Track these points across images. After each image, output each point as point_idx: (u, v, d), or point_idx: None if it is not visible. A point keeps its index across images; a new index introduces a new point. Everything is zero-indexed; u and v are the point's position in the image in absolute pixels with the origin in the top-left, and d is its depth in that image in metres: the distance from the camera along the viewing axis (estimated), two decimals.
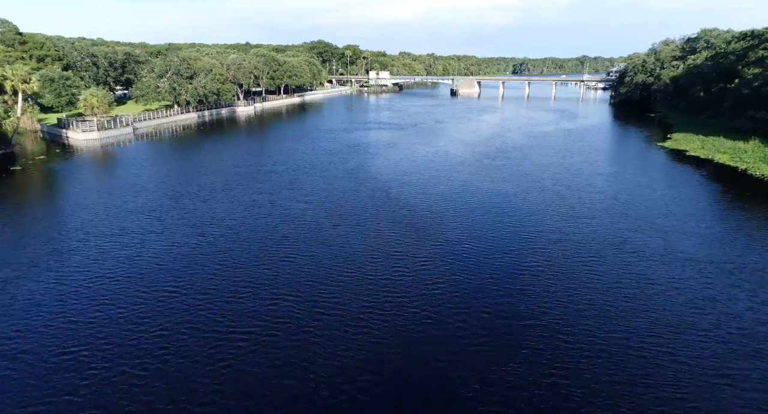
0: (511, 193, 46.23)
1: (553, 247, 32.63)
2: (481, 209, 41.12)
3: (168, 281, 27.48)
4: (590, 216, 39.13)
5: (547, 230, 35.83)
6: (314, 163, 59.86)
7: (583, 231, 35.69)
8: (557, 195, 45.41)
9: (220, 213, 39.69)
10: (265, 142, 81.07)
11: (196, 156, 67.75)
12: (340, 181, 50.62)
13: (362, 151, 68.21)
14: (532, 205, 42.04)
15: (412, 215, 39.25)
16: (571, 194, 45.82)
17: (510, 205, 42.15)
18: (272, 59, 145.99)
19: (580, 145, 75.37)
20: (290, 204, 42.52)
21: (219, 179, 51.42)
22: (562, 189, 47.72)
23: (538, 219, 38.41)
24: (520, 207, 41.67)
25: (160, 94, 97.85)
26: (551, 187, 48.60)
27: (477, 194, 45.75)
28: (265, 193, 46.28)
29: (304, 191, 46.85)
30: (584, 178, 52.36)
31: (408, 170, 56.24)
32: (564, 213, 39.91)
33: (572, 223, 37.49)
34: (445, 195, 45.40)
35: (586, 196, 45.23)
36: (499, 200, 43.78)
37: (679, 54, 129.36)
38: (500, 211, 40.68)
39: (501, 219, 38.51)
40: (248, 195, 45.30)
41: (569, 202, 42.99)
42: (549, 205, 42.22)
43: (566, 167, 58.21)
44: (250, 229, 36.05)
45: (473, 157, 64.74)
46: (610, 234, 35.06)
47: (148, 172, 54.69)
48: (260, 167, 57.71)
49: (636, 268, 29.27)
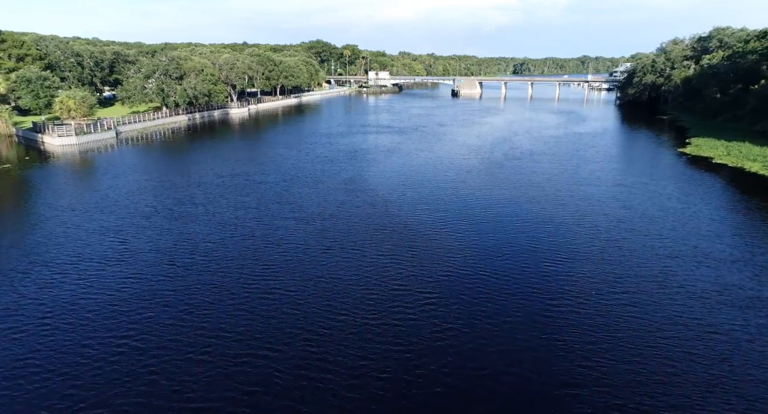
0: (526, 209, 41.17)
1: (582, 280, 27.57)
2: (493, 229, 36.06)
3: (117, 329, 22.37)
4: (620, 238, 34.07)
5: (572, 257, 30.77)
6: (308, 173, 54.78)
7: (615, 258, 30.63)
8: (578, 211, 40.37)
9: (195, 234, 34.58)
10: (256, 147, 75.98)
11: (181, 163, 62.65)
12: (334, 194, 45.55)
13: (360, 159, 63.14)
14: (551, 226, 36.97)
15: (415, 237, 34.17)
16: (593, 209, 40.78)
17: (526, 225, 37.07)
18: (267, 59, 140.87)
19: (593, 151, 70.31)
20: (277, 222, 37.44)
21: (201, 191, 46.34)
22: (582, 203, 42.68)
23: (559, 243, 33.33)
24: (537, 227, 36.59)
25: (147, 96, 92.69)
26: (570, 200, 43.56)
27: (487, 210, 40.68)
28: (250, 208, 41.22)
29: (293, 206, 41.79)
30: (605, 190, 47.34)
31: (409, 181, 51.18)
32: (589, 234, 34.86)
33: (600, 247, 32.44)
34: (450, 212, 40.34)
35: (612, 212, 40.18)
36: (512, 218, 38.70)
37: (690, 54, 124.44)
38: (515, 231, 35.61)
39: (517, 242, 33.43)
40: (231, 211, 40.22)
41: (593, 220, 37.95)
42: (571, 224, 37.15)
43: (583, 177, 53.17)
44: (228, 255, 30.94)
45: (479, 164, 59.69)
46: (648, 262, 30.00)
47: (124, 183, 49.57)
48: (249, 177, 52.63)
49: (690, 311, 24.20)
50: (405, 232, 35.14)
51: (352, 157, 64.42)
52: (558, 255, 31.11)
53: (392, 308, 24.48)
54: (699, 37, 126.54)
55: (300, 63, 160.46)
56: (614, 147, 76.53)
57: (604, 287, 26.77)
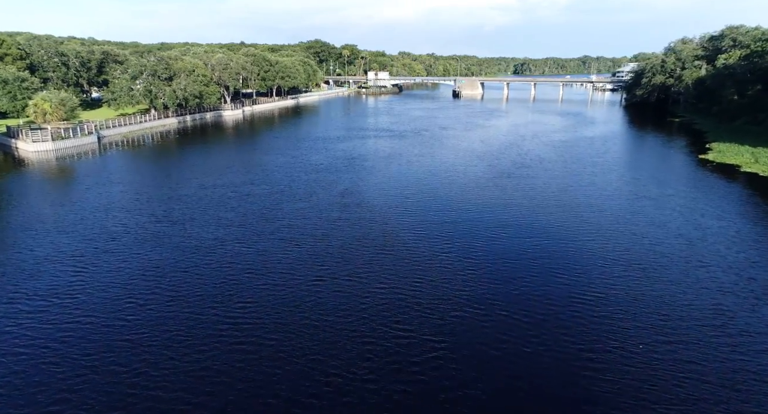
0: (543, 228, 36.46)
1: (622, 325, 22.87)
2: (507, 254, 31.35)
3: (45, 402, 17.67)
4: (657, 266, 29.36)
5: (606, 292, 26.05)
6: (300, 183, 50.07)
7: (656, 294, 25.91)
8: (603, 230, 35.66)
9: (165, 262, 29.85)
10: (248, 153, 71.24)
11: (164, 172, 57.91)
12: (328, 210, 40.84)
13: (357, 167, 58.42)
14: (575, 248, 32.27)
15: (419, 264, 29.46)
16: (619, 228, 36.08)
17: (546, 249, 32.36)
18: (263, 59, 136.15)
19: (607, 157, 65.64)
20: (262, 244, 32.71)
21: (181, 206, 41.62)
22: (606, 220, 37.98)
23: (588, 272, 28.63)
24: (559, 252, 31.88)
25: (134, 98, 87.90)
26: (591, 217, 38.87)
27: (498, 230, 35.96)
28: (233, 226, 36.51)
29: (282, 224, 37.08)
30: (628, 204, 42.66)
31: (410, 193, 46.49)
32: (621, 261, 30.14)
33: (636, 278, 27.72)
34: (457, 232, 35.64)
35: (641, 231, 35.45)
36: (529, 240, 33.97)
37: (701, 53, 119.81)
38: (534, 258, 30.89)
39: (538, 273, 28.71)
40: (211, 230, 35.50)
41: (621, 242, 33.24)
42: (597, 248, 32.44)
43: (601, 187, 48.49)
44: (200, 291, 26.20)
45: (487, 173, 55.00)
46: (696, 300, 25.29)
47: (96, 195, 44.84)
48: (236, 188, 47.92)
49: (764, 370, 19.52)
50: (407, 258, 30.42)
51: (349, 164, 59.70)
52: (589, 289, 26.40)
53: (392, 365, 19.80)
54: (710, 36, 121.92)
55: (297, 63, 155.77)
56: (629, 153, 71.92)
57: (650, 335, 22.06)
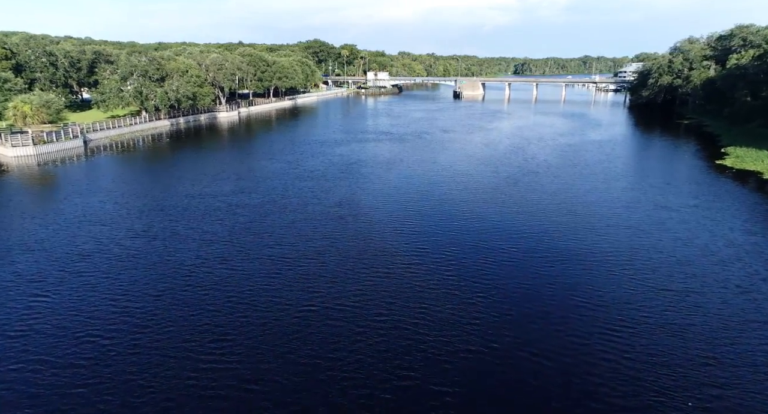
0: (558, 241, 33.19)
1: (663, 369, 19.62)
2: (523, 278, 28.07)
3: None
4: (689, 290, 26.07)
5: (637, 321, 22.78)
6: (294, 192, 46.80)
7: (696, 327, 22.65)
8: (623, 246, 32.38)
9: (137, 287, 26.56)
10: (241, 159, 67.90)
11: (150, 179, 54.61)
12: (322, 223, 37.57)
13: (355, 173, 55.13)
14: (594, 267, 29.01)
15: (421, 289, 26.20)
16: (642, 243, 32.80)
17: (562, 267, 29.08)
18: (259, 59, 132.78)
19: (619, 162, 62.40)
20: (248, 265, 29.44)
21: (164, 218, 38.34)
22: (626, 234, 34.69)
23: (612, 298, 25.34)
24: (579, 274, 28.60)
25: (124, 99, 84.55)
26: (609, 230, 35.60)
27: (509, 246, 32.69)
28: (218, 242, 33.24)
29: (272, 239, 33.80)
30: (648, 216, 39.39)
31: (411, 203, 43.22)
32: (647, 282, 26.86)
33: (665, 305, 24.46)
34: (464, 248, 32.36)
35: (665, 247, 32.16)
36: (542, 257, 30.69)
37: (710, 53, 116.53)
38: (549, 279, 27.61)
39: (553, 297, 25.45)
40: (194, 247, 32.22)
41: (645, 260, 29.97)
42: (619, 267, 29.17)
43: (617, 197, 45.23)
44: (169, 325, 22.88)
45: (492, 180, 51.75)
46: (744, 334, 22.00)
47: (72, 207, 41.52)
48: (226, 198, 44.64)
49: None
50: (408, 282, 27.15)
51: (347, 170, 56.41)
52: (618, 320, 23.11)
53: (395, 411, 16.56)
54: (719, 35, 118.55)
55: (295, 63, 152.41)
56: (641, 158, 68.68)
57: (697, 387, 18.78)
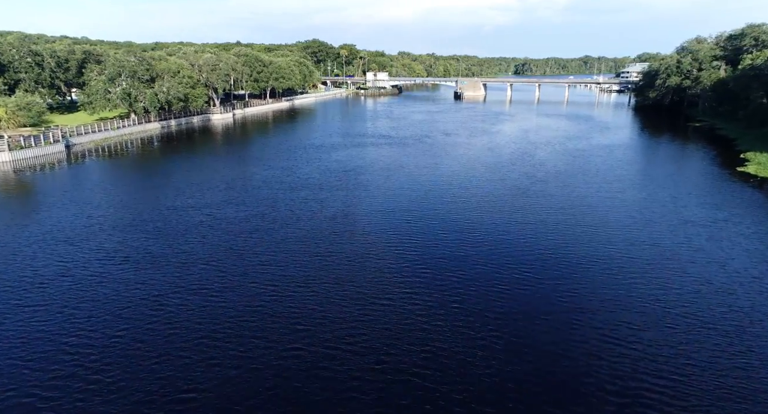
0: (578, 268, 29.51)
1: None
2: (538, 309, 24.38)
3: None
4: (737, 327, 22.40)
5: (677, 382, 19.12)
6: (286, 204, 43.12)
7: (746, 375, 19.00)
8: (654, 270, 28.69)
9: (90, 325, 22.82)
10: (232, 165, 64.17)
11: (131, 189, 50.87)
12: (315, 241, 33.87)
13: (352, 182, 51.42)
14: (624, 299, 25.31)
15: (424, 323, 22.51)
16: (671, 266, 29.14)
17: (586, 302, 25.38)
18: (255, 59, 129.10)
19: (633, 170, 58.75)
20: (226, 294, 25.73)
21: (138, 236, 34.64)
22: (651, 254, 31.00)
23: (646, 336, 21.67)
24: (604, 304, 24.90)
25: (111, 101, 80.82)
26: (632, 249, 31.90)
27: (522, 271, 29.00)
28: (196, 264, 29.54)
29: (257, 261, 30.14)
30: (673, 231, 35.68)
31: (413, 216, 39.50)
32: (684, 315, 23.18)
33: (714, 345, 20.79)
34: (472, 272, 28.68)
35: (703, 273, 28.43)
36: (563, 287, 26.99)
37: (720, 53, 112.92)
38: (571, 308, 23.93)
39: (577, 338, 21.78)
40: (168, 272, 28.52)
41: (682, 292, 26.27)
42: (649, 294, 25.47)
43: (636, 209, 41.49)
44: (127, 375, 19.18)
45: (499, 189, 48.07)
46: None
47: (36, 221, 37.75)
48: (211, 211, 40.94)
49: None
50: (410, 315, 23.46)
51: (344, 179, 52.70)
52: (656, 368, 19.44)
53: None
54: (729, 34, 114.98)
55: (292, 63, 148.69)
56: (655, 164, 64.91)
57: None
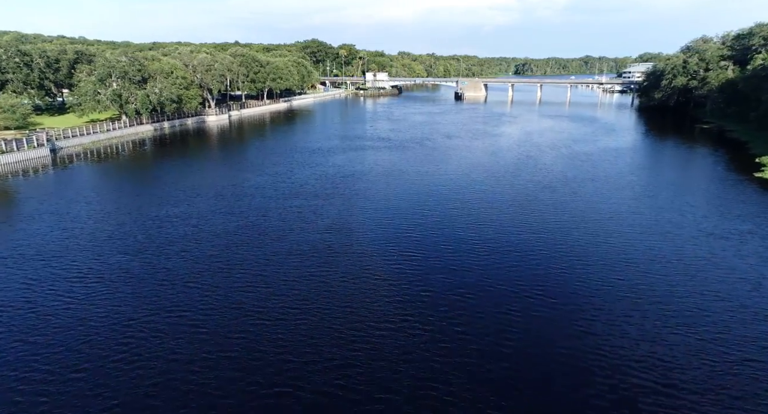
0: (594, 286, 26.76)
1: None
2: (554, 337, 21.64)
3: None
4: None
5: None
6: (277, 214, 40.36)
7: None
8: (675, 289, 25.94)
9: (37, 370, 20.07)
10: (225, 170, 61.43)
11: (113, 195, 48.04)
12: (307, 257, 31.10)
13: (349, 189, 48.67)
14: (648, 327, 22.56)
15: (427, 353, 19.75)
16: (700, 288, 26.39)
17: (605, 327, 22.64)
18: (252, 59, 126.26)
19: (644, 175, 55.99)
20: (202, 322, 22.98)
21: (111, 252, 31.89)
22: (675, 273, 28.25)
23: (677, 374, 18.94)
24: (625, 329, 22.15)
25: (101, 103, 78.01)
26: (653, 267, 29.16)
27: (532, 292, 26.25)
28: (175, 284, 26.78)
29: (241, 280, 27.41)
30: (697, 247, 32.91)
31: (414, 228, 36.73)
32: (725, 350, 20.45)
33: (760, 385, 18.08)
34: (480, 293, 25.92)
35: (735, 296, 25.65)
36: (578, 310, 24.25)
37: (727, 53, 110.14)
38: (589, 334, 21.18)
39: (599, 368, 19.03)
40: (143, 293, 25.75)
41: (715, 318, 23.51)
42: (680, 321, 22.73)
43: (651, 220, 38.69)
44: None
45: (505, 196, 45.33)
46: None
47: (4, 235, 35.07)
48: (196, 222, 38.19)
49: None
50: (411, 340, 20.71)
51: (340, 185, 49.94)
52: (696, 405, 16.72)
53: None
54: (737, 34, 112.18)
55: (290, 64, 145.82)
56: (666, 169, 62.07)
57: None
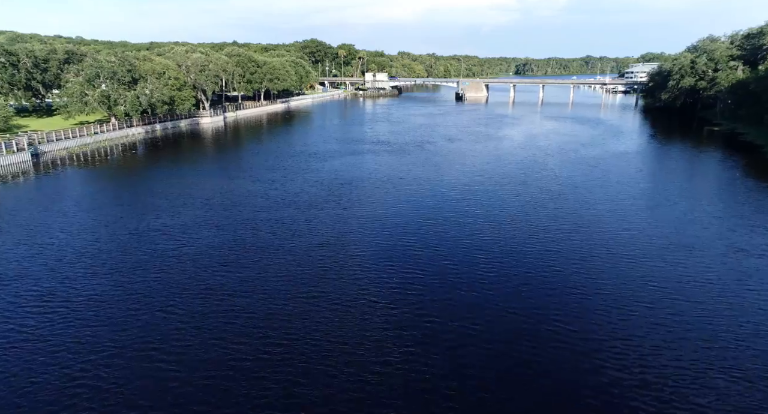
0: (614, 311, 23.62)
1: None
2: (574, 385, 18.51)
3: None
4: None
5: None
6: (268, 227, 37.20)
7: None
8: (715, 321, 22.79)
9: None
10: (214, 177, 58.22)
11: (91, 205, 44.77)
12: (296, 278, 27.95)
13: (345, 197, 45.51)
14: (685, 364, 19.44)
15: (429, 382, 16.65)
16: (740, 319, 23.25)
17: (631, 364, 19.52)
18: (248, 59, 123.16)
19: (659, 183, 52.87)
20: (178, 361, 19.81)
21: (78, 273, 28.74)
22: (708, 298, 25.11)
23: None
24: (661, 372, 19.04)
25: (88, 104, 74.83)
26: (683, 289, 26.01)
27: (547, 318, 23.11)
28: (143, 313, 23.62)
29: (220, 310, 24.25)
30: (726, 267, 29.76)
31: (415, 243, 33.56)
32: None
33: None
34: (490, 326, 22.78)
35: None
36: (595, 338, 21.13)
37: (737, 53, 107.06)
38: (614, 373, 18.06)
39: None
40: (104, 325, 22.58)
41: (762, 355, 20.44)
42: (711, 359, 19.61)
43: (673, 234, 35.52)
44: None
45: (512, 206, 42.17)
46: None
47: None
48: (176, 236, 35.06)
49: None
50: (414, 388, 17.57)
51: (337, 194, 46.78)
52: None
53: None
54: (747, 33, 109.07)
55: (287, 64, 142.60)
56: (682, 176, 58.56)
57: None
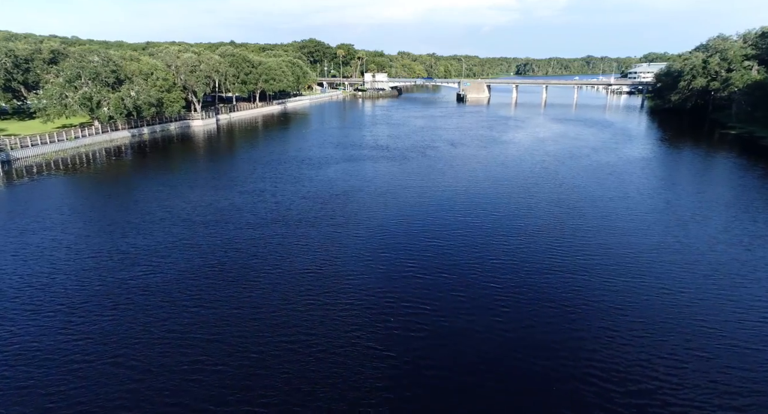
0: (647, 349, 19.26)
1: None
2: None
3: None
4: None
5: None
6: (250, 247, 32.79)
7: None
8: None
9: None
10: (199, 187, 53.73)
11: (57, 219, 40.31)
12: (279, 315, 23.55)
13: (339, 212, 41.10)
14: None
15: None
16: None
17: None
18: (243, 59, 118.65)
19: (684, 194, 48.50)
20: None
21: (21, 308, 24.36)
22: (758, 340, 20.83)
23: None
24: None
25: (69, 107, 70.36)
26: (726, 330, 21.67)
27: (565, 350, 18.74)
28: (98, 357, 19.22)
29: (178, 365, 19.86)
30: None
31: (417, 269, 29.20)
32: None
33: None
34: (500, 356, 18.43)
35: None
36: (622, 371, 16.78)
37: (752, 52, 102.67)
38: None
39: None
40: (45, 383, 18.24)
41: None
42: None
43: (708, 255, 31.18)
44: None
45: (528, 227, 37.83)
46: None
47: None
48: (147, 260, 30.70)
49: None
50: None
51: (330, 206, 42.36)
52: None
53: None
54: (762, 31, 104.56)
55: (283, 64, 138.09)
56: (709, 186, 53.89)
57: None
